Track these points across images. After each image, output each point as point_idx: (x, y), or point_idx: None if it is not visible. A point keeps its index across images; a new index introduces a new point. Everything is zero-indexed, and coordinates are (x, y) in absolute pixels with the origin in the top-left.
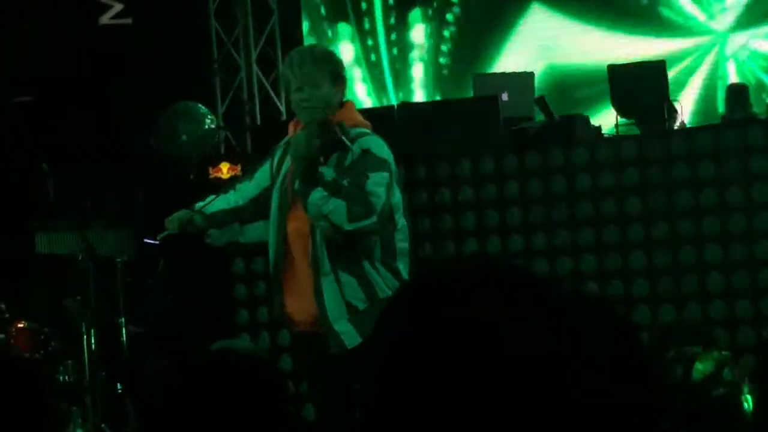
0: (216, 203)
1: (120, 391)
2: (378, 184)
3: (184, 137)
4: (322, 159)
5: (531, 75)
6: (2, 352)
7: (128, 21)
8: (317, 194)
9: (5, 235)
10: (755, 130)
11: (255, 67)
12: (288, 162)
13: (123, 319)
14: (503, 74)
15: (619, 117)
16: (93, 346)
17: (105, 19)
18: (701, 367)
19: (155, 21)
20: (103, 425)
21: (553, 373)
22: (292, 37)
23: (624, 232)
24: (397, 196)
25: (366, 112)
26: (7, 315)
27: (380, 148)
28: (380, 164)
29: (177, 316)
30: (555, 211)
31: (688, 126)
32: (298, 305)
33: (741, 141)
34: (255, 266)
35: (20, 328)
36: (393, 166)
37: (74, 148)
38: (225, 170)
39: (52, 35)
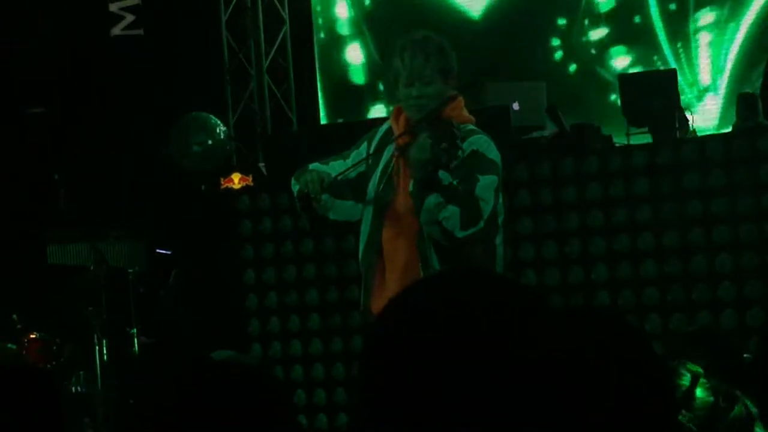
0: (323, 168)
1: (131, 402)
2: (487, 188)
3: (195, 148)
4: (447, 160)
5: (542, 84)
6: (15, 361)
7: (140, 32)
8: (433, 200)
9: (17, 246)
10: (765, 139)
11: (266, 77)
12: (389, 153)
13: (135, 330)
14: (514, 83)
15: (629, 126)
16: (105, 356)
17: (117, 30)
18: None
19: (167, 32)
20: None
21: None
22: (304, 47)
23: (635, 242)
24: (500, 198)
25: (375, 122)
26: (19, 326)
27: (489, 148)
28: (489, 166)
29: (188, 327)
30: (566, 220)
31: (698, 134)
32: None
33: (751, 149)
34: (266, 276)
35: (32, 338)
36: (500, 167)
37: (86, 159)
38: (236, 181)
39: (64, 46)
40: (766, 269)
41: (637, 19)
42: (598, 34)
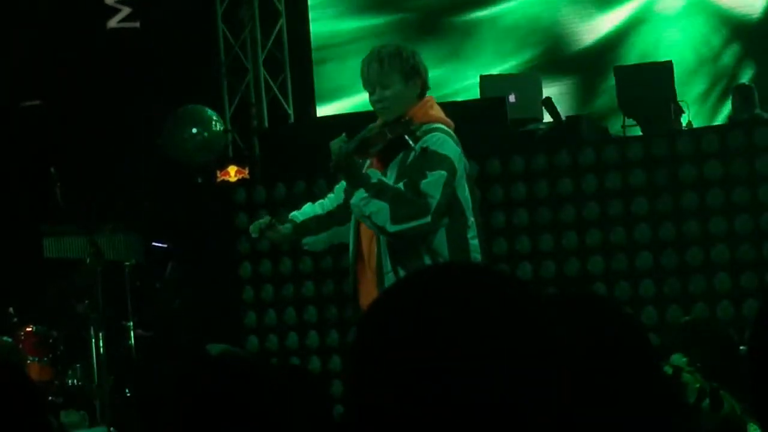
0: (308, 210)
1: (128, 395)
2: (434, 183)
3: (191, 141)
4: (359, 161)
5: (538, 76)
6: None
7: (136, 24)
8: (359, 195)
9: (13, 239)
10: (761, 131)
11: (262, 69)
12: (367, 163)
13: (131, 323)
14: (510, 75)
15: (625, 118)
16: (101, 349)
17: (113, 22)
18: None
19: (163, 24)
20: (111, 429)
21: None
22: (300, 39)
23: (631, 233)
24: (465, 193)
25: (371, 115)
26: (15, 319)
27: (442, 145)
28: (439, 162)
29: (184, 320)
30: (562, 212)
31: (694, 126)
32: (367, 304)
33: (747, 141)
34: (262, 269)
35: (29, 332)
36: (455, 162)
37: (82, 152)
38: (233, 173)
39: (60, 39)
40: (762, 260)
41: None
42: None
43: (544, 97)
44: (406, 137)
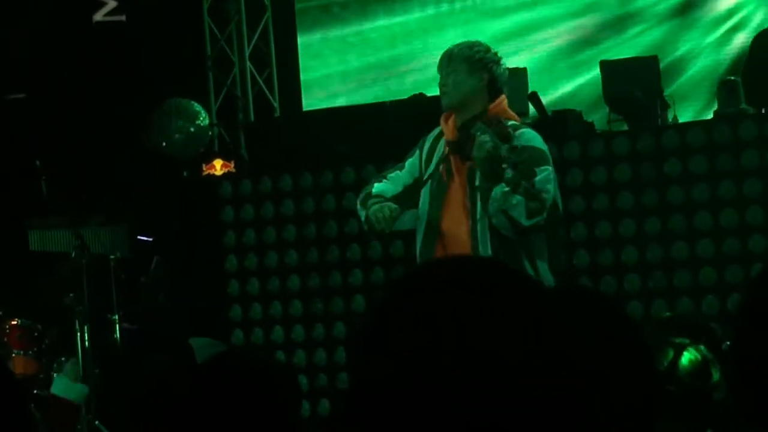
0: (386, 189)
1: (114, 388)
2: (546, 180)
3: (177, 134)
4: (510, 156)
5: (524, 70)
6: None
7: (122, 18)
8: (500, 190)
9: None
10: (747, 125)
11: (248, 63)
12: (438, 155)
13: (117, 316)
14: None
15: (611, 113)
16: (86, 343)
17: (99, 16)
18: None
19: (149, 18)
20: (96, 422)
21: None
22: (286, 33)
23: (616, 228)
24: (557, 187)
25: (355, 109)
26: (0, 312)
27: (539, 140)
28: (543, 158)
29: (170, 313)
30: None
31: (680, 121)
32: None
33: (733, 136)
34: (248, 263)
35: (14, 325)
36: (551, 157)
37: (68, 146)
38: (218, 167)
39: (46, 32)
40: (747, 255)
41: None
42: None
43: (530, 91)
44: (510, 134)
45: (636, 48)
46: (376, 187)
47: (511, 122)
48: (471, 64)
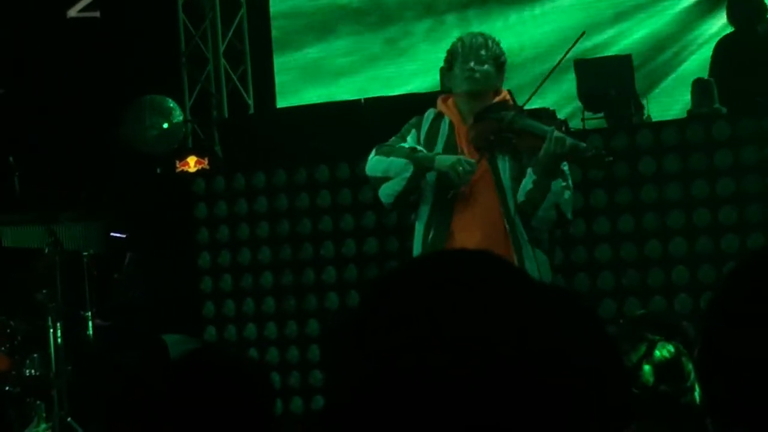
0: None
1: (86, 385)
2: (567, 175)
3: (151, 131)
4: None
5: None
6: None
7: (96, 14)
8: (558, 184)
9: None
10: (720, 125)
11: (223, 60)
12: (443, 140)
13: (90, 313)
14: None
15: (584, 111)
16: (59, 339)
17: (73, 12)
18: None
19: (123, 14)
20: (69, 419)
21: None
22: (260, 30)
23: (590, 226)
24: None
25: (330, 107)
26: None
27: None
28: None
29: (143, 308)
30: None
31: (653, 120)
32: None
33: (706, 135)
34: (221, 259)
35: None
36: None
37: (41, 142)
38: (192, 164)
39: (20, 28)
40: (720, 254)
41: None
42: None
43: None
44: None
45: None
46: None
47: None
48: (498, 66)
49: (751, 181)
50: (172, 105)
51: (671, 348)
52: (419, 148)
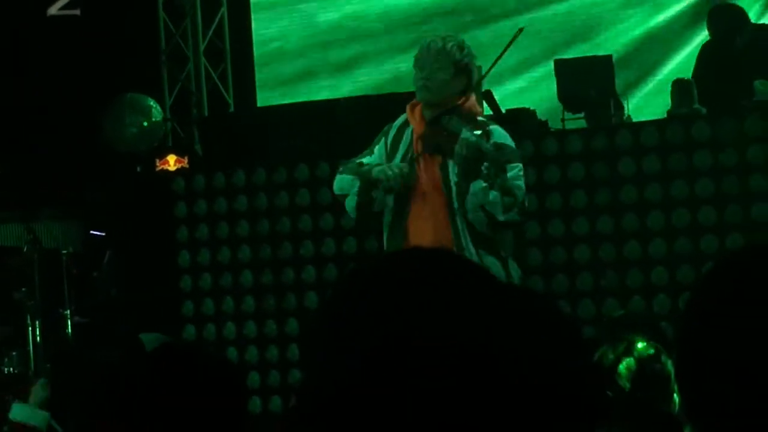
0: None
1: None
2: (518, 176)
3: (131, 129)
4: (492, 151)
5: (478, 68)
6: None
7: (76, 12)
8: (478, 186)
9: None
10: (699, 125)
11: (203, 59)
12: (405, 145)
13: (68, 311)
14: None
15: (564, 111)
16: (38, 337)
17: (53, 9)
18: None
19: (103, 12)
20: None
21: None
22: (241, 29)
23: (569, 226)
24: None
25: (310, 106)
26: None
27: (507, 137)
28: (513, 155)
29: (121, 307)
30: None
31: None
32: None
33: (685, 136)
34: (201, 258)
35: None
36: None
37: (20, 140)
38: (172, 162)
39: (0, 26)
40: (699, 254)
41: None
42: None
43: (484, 89)
44: (482, 132)
45: None
46: (363, 162)
47: (480, 118)
48: (458, 68)
49: (730, 181)
50: (151, 103)
51: (650, 348)
52: (366, 162)
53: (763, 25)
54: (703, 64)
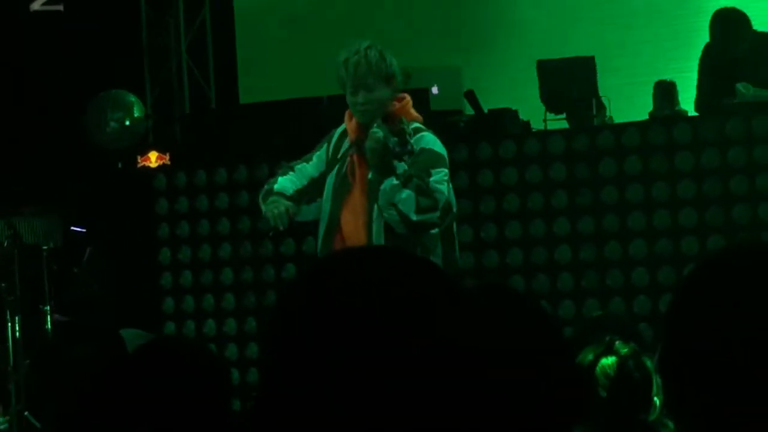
0: (287, 185)
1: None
2: (440, 181)
3: (112, 125)
4: (399, 150)
5: (459, 68)
6: None
7: (59, 8)
8: (390, 182)
9: None
10: (681, 127)
11: (185, 55)
12: (344, 149)
13: (48, 307)
14: (432, 67)
15: (547, 112)
16: (17, 333)
17: (36, 5)
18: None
19: (86, 8)
20: (26, 413)
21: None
22: (224, 25)
23: (550, 227)
24: (452, 190)
25: (294, 103)
26: None
27: (436, 143)
28: (439, 160)
29: (102, 303)
30: (482, 204)
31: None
32: None
33: (667, 137)
34: (181, 255)
35: None
36: (448, 160)
37: (2, 135)
38: (153, 159)
39: None
40: (680, 256)
41: None
42: None
43: (466, 89)
44: (408, 137)
45: None
46: (280, 182)
47: (415, 124)
48: (387, 80)
49: (711, 183)
50: (133, 100)
51: (628, 350)
52: (299, 168)
53: (764, 33)
54: (704, 66)
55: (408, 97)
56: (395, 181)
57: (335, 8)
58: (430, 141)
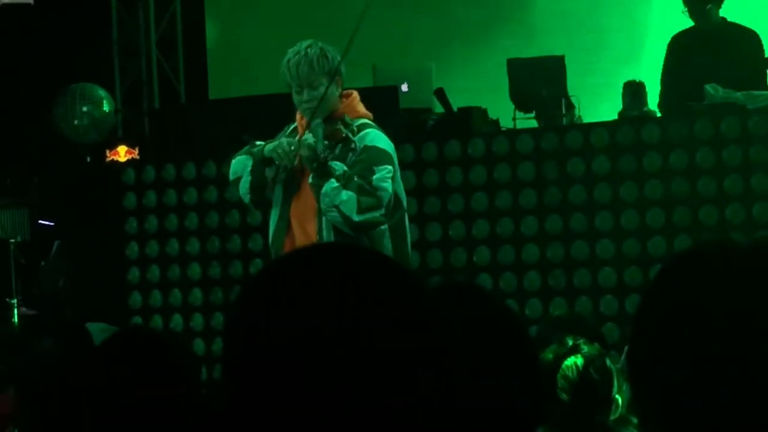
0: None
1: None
2: (383, 178)
3: (81, 119)
4: (329, 154)
5: (430, 66)
6: None
7: (29, 1)
8: (330, 185)
9: None
10: (650, 128)
11: (155, 49)
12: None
13: (15, 301)
14: (402, 66)
15: (516, 111)
16: None
17: None
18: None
19: (56, 1)
20: None
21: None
22: (194, 20)
23: (518, 226)
24: (401, 186)
25: (263, 99)
26: None
27: (381, 139)
28: (383, 157)
29: (69, 297)
30: (450, 203)
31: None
32: None
33: (635, 138)
34: (149, 250)
35: None
36: (395, 156)
37: None
38: (122, 153)
39: None
40: (647, 256)
41: None
42: None
43: (435, 87)
44: (349, 135)
45: None
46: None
47: (360, 121)
48: (331, 75)
49: (679, 184)
50: (102, 94)
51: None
52: (258, 143)
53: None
54: (674, 55)
55: (355, 93)
56: (335, 183)
57: (306, 4)
58: (375, 138)
